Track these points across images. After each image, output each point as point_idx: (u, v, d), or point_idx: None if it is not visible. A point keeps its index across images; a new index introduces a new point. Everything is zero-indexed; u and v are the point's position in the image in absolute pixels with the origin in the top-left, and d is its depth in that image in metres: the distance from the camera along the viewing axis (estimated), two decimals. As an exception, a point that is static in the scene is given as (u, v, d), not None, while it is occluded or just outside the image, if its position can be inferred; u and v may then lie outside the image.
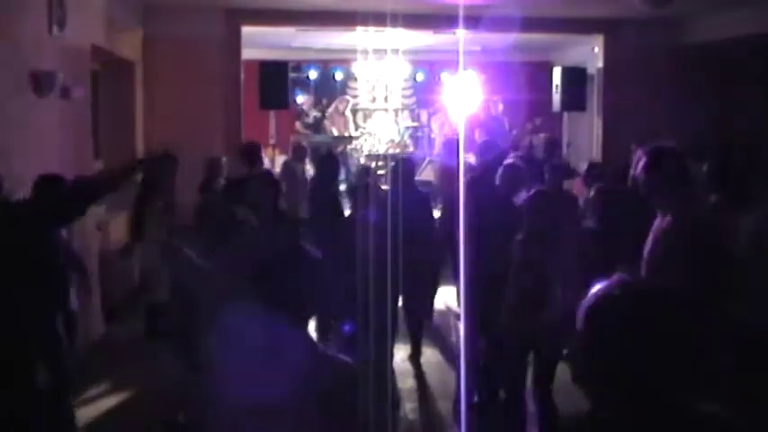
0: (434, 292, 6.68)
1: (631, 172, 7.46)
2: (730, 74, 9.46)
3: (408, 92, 14.32)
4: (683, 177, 3.85)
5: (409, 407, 5.38)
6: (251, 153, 7.11)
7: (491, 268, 4.55)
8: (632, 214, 5.03)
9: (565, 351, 4.43)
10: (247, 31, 9.39)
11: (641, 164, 3.86)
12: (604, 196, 5.13)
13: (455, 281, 7.66)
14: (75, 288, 4.76)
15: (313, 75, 13.46)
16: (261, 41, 11.01)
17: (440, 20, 9.69)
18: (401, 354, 6.07)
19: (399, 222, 4.77)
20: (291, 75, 10.56)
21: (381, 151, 12.15)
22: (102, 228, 7.11)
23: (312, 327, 6.81)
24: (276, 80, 9.52)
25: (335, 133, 12.04)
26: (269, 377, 2.31)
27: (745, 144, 7.65)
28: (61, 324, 4.27)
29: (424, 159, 11.33)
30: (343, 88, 13.86)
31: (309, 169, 9.24)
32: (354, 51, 12.10)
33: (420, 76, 14.19)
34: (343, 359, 2.47)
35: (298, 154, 8.61)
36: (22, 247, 3.61)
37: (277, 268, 2.47)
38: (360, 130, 12.95)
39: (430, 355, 6.31)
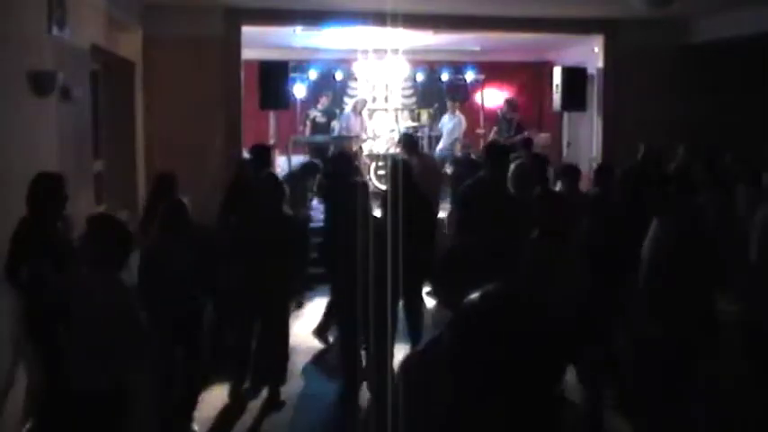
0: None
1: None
2: (730, 74, 9.46)
3: (408, 92, 14.31)
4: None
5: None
6: (258, 156, 7.09)
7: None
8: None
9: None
10: (247, 30, 9.38)
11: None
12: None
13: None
14: None
15: (313, 75, 13.44)
16: (261, 41, 11.00)
17: (440, 20, 9.69)
18: (401, 354, 6.06)
19: (399, 222, 4.76)
20: (291, 75, 10.56)
21: (381, 151, 12.14)
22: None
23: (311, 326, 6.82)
24: (276, 80, 9.52)
25: (349, 133, 12.04)
26: None
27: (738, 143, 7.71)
28: None
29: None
30: (343, 88, 13.85)
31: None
32: (354, 51, 12.10)
33: (420, 76, 14.18)
34: None
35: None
36: None
37: None
38: (372, 130, 12.94)
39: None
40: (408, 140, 8.45)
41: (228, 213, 6.36)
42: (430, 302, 7.13)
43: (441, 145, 12.22)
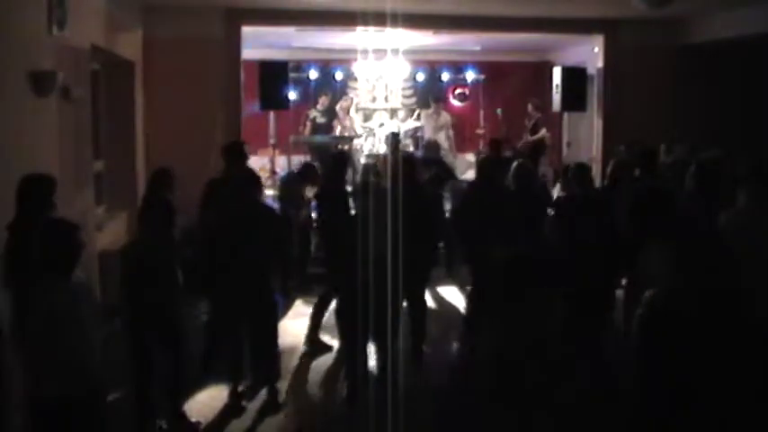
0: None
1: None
2: (730, 74, 9.46)
3: (408, 92, 14.30)
4: None
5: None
6: (229, 152, 6.92)
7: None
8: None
9: None
10: (247, 31, 9.38)
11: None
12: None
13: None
14: None
15: (313, 75, 13.43)
16: (261, 41, 11.01)
17: (440, 20, 9.69)
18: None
19: (400, 220, 4.77)
20: (291, 75, 10.55)
21: (381, 151, 12.12)
22: (102, 228, 7.11)
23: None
24: (276, 80, 9.51)
25: (345, 134, 12.04)
26: None
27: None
28: None
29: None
30: (343, 88, 13.83)
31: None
32: (354, 51, 12.10)
33: (420, 76, 14.17)
34: None
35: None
36: None
37: None
38: (363, 129, 12.92)
39: (429, 354, 6.29)
40: (392, 141, 8.66)
41: (205, 210, 6.29)
42: (431, 302, 7.13)
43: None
